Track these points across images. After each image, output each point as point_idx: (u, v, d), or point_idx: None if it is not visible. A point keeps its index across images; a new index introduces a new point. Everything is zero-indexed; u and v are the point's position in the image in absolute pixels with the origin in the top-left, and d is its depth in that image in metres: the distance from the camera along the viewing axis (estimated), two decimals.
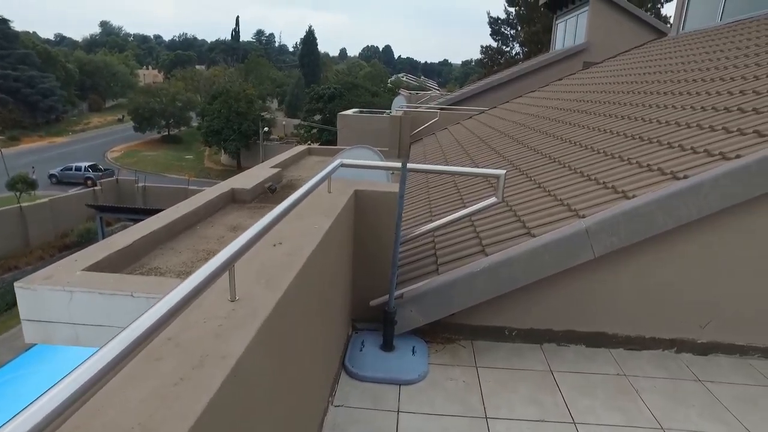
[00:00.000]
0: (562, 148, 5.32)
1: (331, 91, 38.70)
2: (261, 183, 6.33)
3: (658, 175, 3.41)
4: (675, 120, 4.51)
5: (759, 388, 3.13)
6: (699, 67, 6.49)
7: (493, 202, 3.15)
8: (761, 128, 3.40)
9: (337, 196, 3.02)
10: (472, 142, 8.11)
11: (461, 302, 3.23)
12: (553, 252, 3.09)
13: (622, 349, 3.47)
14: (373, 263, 3.38)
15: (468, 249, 3.50)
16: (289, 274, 1.81)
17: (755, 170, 3.03)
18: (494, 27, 32.92)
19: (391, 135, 11.77)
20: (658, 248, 3.24)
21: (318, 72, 73.83)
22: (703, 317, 3.42)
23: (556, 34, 20.40)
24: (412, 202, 5.57)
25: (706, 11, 10.13)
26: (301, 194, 2.43)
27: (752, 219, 3.20)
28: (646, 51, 10.82)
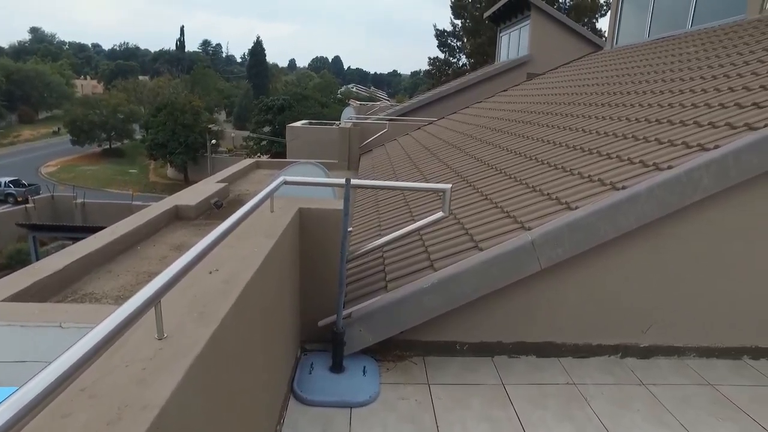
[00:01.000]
0: (507, 158, 5.42)
1: (280, 103, 38.26)
2: (207, 199, 6.11)
3: (598, 185, 3.51)
4: (613, 131, 4.69)
5: (694, 387, 3.26)
6: (632, 80, 6.82)
7: (440, 216, 3.14)
8: (688, 140, 3.57)
9: (279, 216, 2.91)
10: (420, 153, 8.16)
11: (411, 319, 3.19)
12: (501, 265, 3.10)
13: (570, 357, 3.53)
14: (320, 283, 3.28)
15: (417, 264, 3.46)
16: (225, 303, 1.70)
17: (685, 180, 3.16)
18: (441, 39, 33.62)
19: (340, 147, 11.70)
20: (601, 257, 3.32)
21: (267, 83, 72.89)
22: (644, 322, 3.53)
23: (501, 46, 21.05)
24: (361, 216, 5.51)
25: (636, 28, 10.73)
26: (241, 215, 2.32)
27: (685, 226, 3.34)
28: (585, 63, 11.31)
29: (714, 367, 3.52)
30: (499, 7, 19.28)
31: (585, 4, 29.17)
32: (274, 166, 11.45)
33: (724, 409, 3.04)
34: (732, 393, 3.21)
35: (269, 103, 39.25)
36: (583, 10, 28.73)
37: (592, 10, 29.19)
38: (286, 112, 36.27)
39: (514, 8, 18.16)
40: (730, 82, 4.68)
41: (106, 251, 4.00)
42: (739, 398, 3.15)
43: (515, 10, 18.28)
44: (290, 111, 36.12)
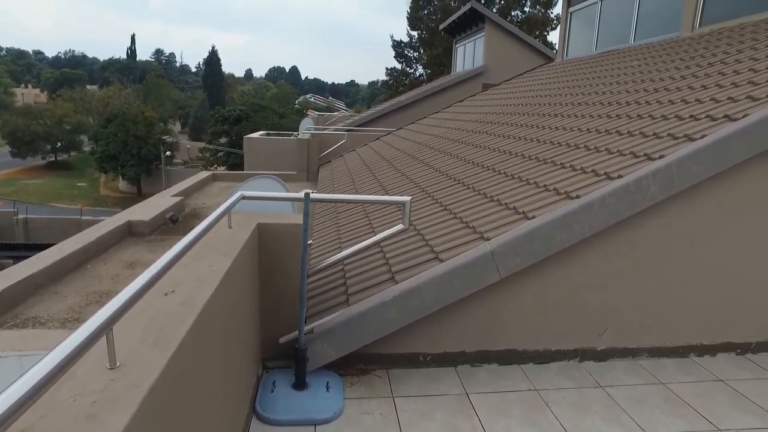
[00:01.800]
0: (465, 169, 5.51)
1: (237, 113, 37.66)
2: (161, 213, 5.93)
3: (554, 195, 3.62)
4: (566, 141, 4.85)
5: (647, 387, 3.39)
6: (582, 92, 7.09)
7: (400, 229, 3.15)
8: (635, 150, 3.74)
9: (238, 232, 2.85)
10: (379, 164, 8.20)
11: (373, 333, 3.17)
12: (461, 276, 3.14)
13: (532, 363, 3.59)
14: (281, 299, 3.23)
15: (378, 277, 3.46)
16: (182, 327, 1.64)
17: (634, 189, 3.30)
18: (398, 50, 34.01)
19: (299, 158, 11.60)
20: (558, 265, 3.42)
21: (223, 93, 71.61)
22: (601, 326, 3.64)
23: (457, 57, 21.49)
24: (321, 229, 5.48)
25: (584, 42, 11.20)
26: (198, 233, 2.25)
27: (636, 233, 3.48)
28: (537, 75, 11.69)
29: (664, 366, 3.66)
30: (454, 19, 19.71)
31: (536, 18, 30.23)
32: (231, 179, 11.24)
33: (674, 407, 3.17)
34: (681, 390, 3.35)
35: (226, 114, 38.56)
36: (534, 24, 29.74)
37: (543, 23, 30.27)
38: (243, 122, 35.72)
39: (468, 21, 18.61)
40: (669, 95, 4.94)
41: (52, 271, 3.81)
42: (687, 394, 3.29)
43: (470, 23, 18.73)
44: (247, 122, 35.60)
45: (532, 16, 30.33)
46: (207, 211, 8.01)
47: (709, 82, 4.76)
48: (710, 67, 5.34)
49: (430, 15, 31.95)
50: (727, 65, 5.10)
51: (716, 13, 7.44)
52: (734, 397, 3.28)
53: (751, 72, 4.49)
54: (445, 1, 30.48)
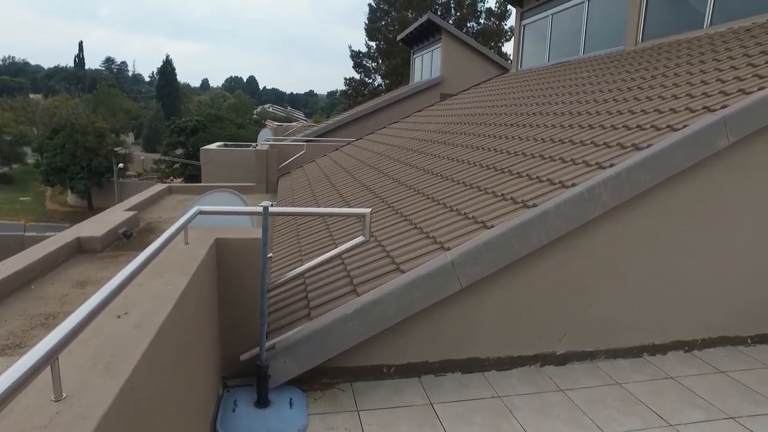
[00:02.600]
0: (425, 179, 5.57)
1: (193, 124, 36.78)
2: (114, 228, 5.70)
3: (511, 204, 3.70)
4: (522, 150, 4.98)
5: (605, 388, 3.49)
6: (536, 102, 7.31)
7: (360, 241, 3.15)
8: (588, 159, 3.88)
9: (195, 248, 2.77)
10: (339, 174, 8.18)
11: (336, 347, 3.14)
12: (423, 287, 3.16)
13: (494, 370, 3.64)
14: (241, 315, 3.15)
15: (340, 289, 3.44)
16: (136, 351, 1.57)
17: (587, 197, 3.42)
18: (356, 60, 34.17)
19: (258, 169, 11.42)
20: (518, 272, 3.48)
21: (178, 103, 69.86)
22: (560, 330, 3.73)
23: (414, 68, 21.78)
24: (282, 242, 5.40)
25: (537, 54, 11.58)
26: (153, 251, 2.18)
27: (591, 239, 3.60)
28: (493, 85, 11.98)
29: (620, 366, 3.78)
30: (411, 30, 20.00)
31: (491, 30, 31.04)
32: (188, 191, 10.95)
33: (630, 406, 3.28)
34: (635, 389, 3.47)
35: (182, 125, 37.59)
36: (489, 35, 30.53)
37: (497, 35, 31.10)
38: (200, 133, 34.91)
39: (425, 32, 18.92)
40: (618, 105, 5.16)
41: None
42: (641, 393, 3.42)
43: (427, 34, 19.05)
44: (204, 132, 34.82)
45: (487, 28, 31.13)
46: (163, 225, 7.76)
47: (652, 93, 5.01)
48: (653, 79, 5.61)
49: (387, 26, 32.30)
50: (667, 78, 5.38)
51: (655, 30, 7.87)
52: (683, 393, 3.43)
53: (688, 85, 4.75)
54: (402, 13, 30.89)
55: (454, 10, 31.95)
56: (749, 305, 4.13)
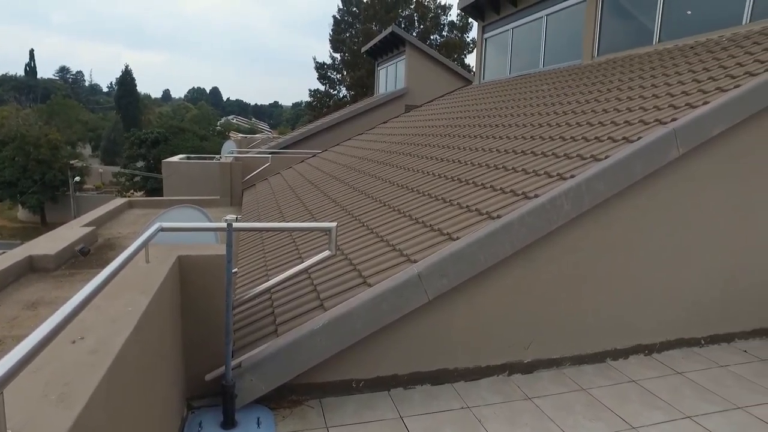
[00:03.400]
0: (390, 191, 5.59)
1: (154, 136, 35.85)
2: (70, 245, 5.48)
3: (476, 215, 3.75)
4: (485, 162, 5.06)
5: (571, 394, 3.56)
6: (499, 114, 7.47)
7: (326, 255, 3.13)
8: (549, 170, 3.98)
9: (156, 266, 2.69)
10: (305, 187, 8.13)
11: (304, 363, 3.10)
12: (390, 300, 3.16)
13: (463, 381, 3.66)
14: (205, 334, 3.07)
15: (307, 305, 3.40)
16: (93, 379, 1.50)
17: (549, 207, 3.50)
18: (321, 71, 34.18)
19: (222, 182, 11.23)
20: (483, 283, 3.53)
21: (138, 115, 67.98)
22: (526, 339, 3.79)
23: (379, 79, 21.95)
24: (247, 256, 5.31)
25: (499, 66, 11.87)
26: (112, 271, 2.10)
27: (554, 248, 3.68)
28: (457, 96, 12.19)
29: (585, 372, 3.87)
30: (375, 42, 20.18)
31: (454, 42, 31.64)
32: (149, 205, 10.65)
33: (595, 411, 3.35)
34: (600, 394, 3.55)
35: (142, 136, 36.58)
36: (452, 47, 31.11)
37: (460, 47, 31.72)
38: (162, 145, 34.05)
39: (389, 44, 19.12)
40: (576, 117, 5.32)
41: None
42: (606, 397, 3.50)
43: (391, 46, 19.25)
44: (166, 144, 33.97)
45: (450, 41, 31.72)
46: (123, 241, 7.51)
47: (608, 106, 5.19)
48: (609, 92, 5.83)
49: (352, 38, 32.51)
50: (621, 91, 5.60)
51: (610, 45, 8.20)
52: (644, 396, 3.54)
53: (640, 99, 4.96)
54: (367, 25, 31.16)
55: (417, 22, 32.44)
56: (701, 307, 4.31)
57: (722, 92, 4.08)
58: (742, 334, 4.50)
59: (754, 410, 3.40)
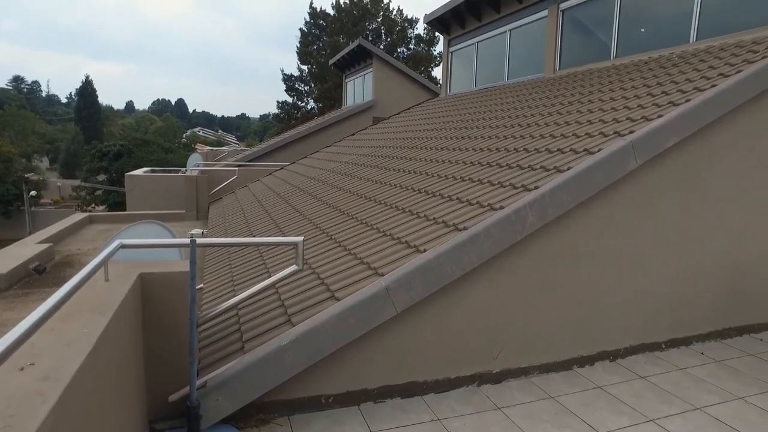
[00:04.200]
0: (358, 203, 5.59)
1: (117, 148, 34.87)
2: (24, 263, 5.26)
3: (443, 227, 3.78)
4: (452, 174, 5.12)
5: (539, 402, 3.60)
6: (465, 126, 7.59)
7: (294, 270, 3.09)
8: (514, 181, 4.06)
9: (116, 284, 2.60)
10: (272, 200, 8.04)
11: (271, 380, 3.04)
12: (358, 314, 3.14)
13: (433, 393, 3.65)
14: (169, 353, 2.98)
15: (274, 320, 3.35)
16: (42, 409, 1.43)
17: (514, 218, 3.56)
18: (289, 83, 34.04)
19: (187, 196, 11.01)
20: (451, 295, 3.55)
21: (100, 126, 66.03)
22: (494, 349, 3.82)
23: (347, 92, 22.02)
24: (213, 271, 5.20)
25: (465, 79, 12.09)
26: (67, 292, 2.01)
27: (520, 258, 3.74)
28: (424, 109, 12.33)
29: (553, 380, 3.92)
30: (343, 55, 20.27)
31: (421, 55, 32.06)
32: (111, 220, 10.33)
33: (563, 418, 3.39)
34: (567, 401, 3.60)
35: (104, 149, 35.50)
36: (419, 60, 31.51)
37: (427, 60, 32.17)
38: (125, 158, 33.12)
39: (357, 57, 19.23)
40: (540, 129, 5.46)
41: None
42: (573, 404, 3.56)
43: (358, 59, 19.37)
44: (129, 157, 33.06)
45: (417, 53, 32.13)
46: (82, 258, 7.25)
47: (570, 119, 5.35)
48: (570, 105, 6.01)
49: (319, 50, 32.54)
50: (582, 104, 5.78)
51: (570, 60, 8.48)
52: (610, 401, 3.61)
53: (600, 111, 5.12)
54: (334, 38, 31.28)
55: (384, 35, 32.77)
56: (661, 312, 4.45)
57: (674, 106, 4.26)
58: (698, 336, 4.66)
59: (710, 410, 3.53)
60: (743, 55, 4.85)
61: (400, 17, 32.95)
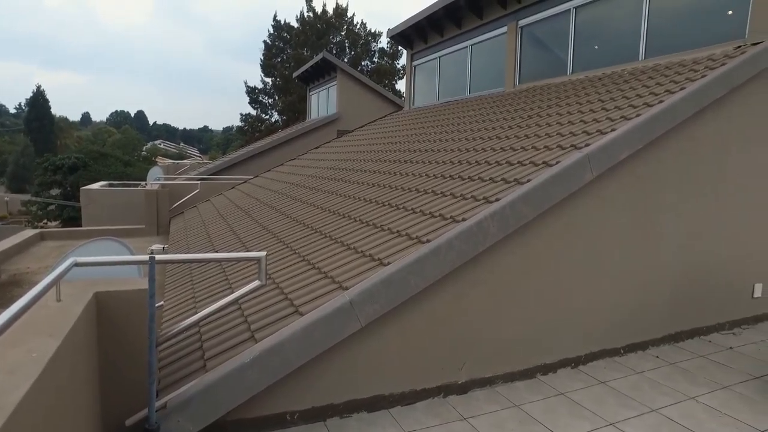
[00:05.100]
0: (322, 217, 5.57)
1: (72, 161, 33.60)
2: None
3: (407, 240, 3.81)
4: (415, 186, 5.18)
5: (504, 411, 3.65)
6: (428, 139, 7.69)
7: (257, 285, 3.05)
8: (476, 194, 4.13)
9: (69, 305, 2.50)
10: (235, 214, 7.92)
11: (235, 398, 2.98)
12: (323, 328, 3.12)
13: (399, 406, 3.65)
14: (126, 375, 2.87)
15: (237, 337, 3.29)
16: None
17: (476, 230, 3.63)
18: (252, 96, 33.71)
19: (147, 210, 10.72)
20: (415, 307, 3.57)
21: (53, 138, 63.52)
22: (460, 360, 3.85)
23: (311, 105, 21.99)
24: (174, 288, 5.07)
25: (428, 92, 12.28)
26: (15, 313, 1.92)
27: (482, 269, 3.80)
28: (388, 122, 12.43)
29: (517, 389, 3.99)
30: (307, 68, 20.26)
31: (385, 68, 32.36)
32: (64, 237, 9.95)
33: (527, 426, 3.45)
34: (531, 409, 3.67)
35: (58, 162, 34.07)
36: (383, 73, 31.78)
37: (391, 73, 32.47)
38: (81, 171, 31.91)
39: (321, 70, 19.26)
40: (501, 142, 5.59)
41: None
42: (536, 412, 3.62)
43: (322, 72, 19.40)
44: (86, 171, 31.84)
45: (381, 67, 32.42)
46: (32, 276, 6.94)
47: (529, 132, 5.51)
48: (530, 119, 6.19)
49: (283, 63, 32.41)
50: (541, 118, 5.96)
51: (529, 75, 8.76)
52: (572, 407, 3.70)
53: (558, 125, 5.30)
54: (298, 51, 31.23)
55: (349, 49, 32.95)
56: (619, 319, 4.60)
57: (626, 120, 4.45)
58: (653, 341, 4.84)
59: (664, 411, 3.67)
60: (686, 73, 5.13)
61: (364, 31, 33.22)
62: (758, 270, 5.53)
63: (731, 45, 5.47)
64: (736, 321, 5.50)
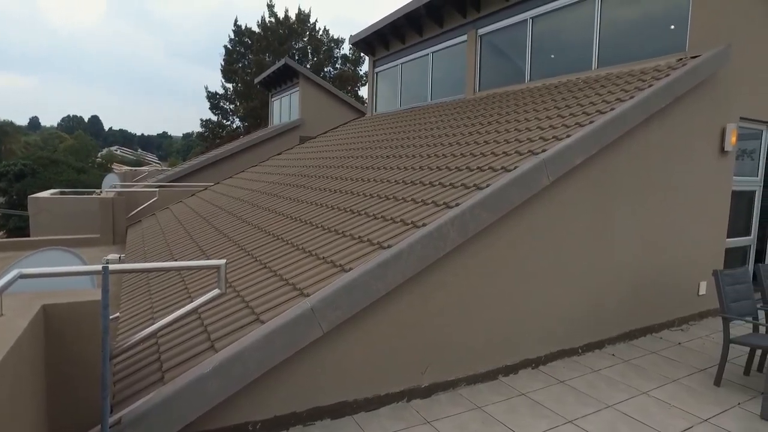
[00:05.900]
0: (284, 224, 5.52)
1: (18, 168, 32.12)
2: None
3: (368, 245, 3.82)
4: (377, 192, 5.20)
5: (467, 413, 3.70)
6: (390, 145, 7.74)
7: (216, 294, 2.99)
8: (436, 199, 4.19)
9: (13, 319, 2.39)
10: (195, 222, 7.75)
11: (193, 411, 2.90)
12: (284, 336, 3.09)
13: (363, 412, 3.64)
14: (77, 391, 2.76)
15: (196, 347, 3.21)
16: None
17: (437, 235, 3.68)
18: (213, 101, 33.11)
19: (102, 219, 10.35)
20: (377, 312, 3.58)
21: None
22: (422, 364, 3.88)
23: (273, 110, 21.78)
24: (131, 298, 4.91)
25: (390, 99, 12.38)
26: None
27: (443, 273, 3.85)
28: (350, 128, 12.45)
29: (479, 391, 4.05)
30: (269, 74, 20.06)
31: (347, 75, 32.39)
32: (10, 248, 9.49)
33: (490, 427, 3.51)
34: (494, 410, 3.74)
35: (2, 169, 32.58)
36: (346, 80, 31.81)
37: (353, 80, 32.54)
38: (29, 179, 30.56)
39: (283, 75, 19.12)
40: (461, 148, 5.69)
41: None
42: (499, 413, 3.69)
43: (285, 77, 19.26)
44: (34, 178, 30.54)
45: (344, 73, 32.44)
46: None
47: (489, 138, 5.62)
48: (489, 125, 6.32)
49: (244, 68, 31.99)
50: (500, 124, 6.10)
51: (489, 82, 8.96)
52: (533, 407, 3.79)
53: (516, 131, 5.44)
54: (259, 56, 30.89)
55: (311, 55, 32.83)
56: (577, 319, 4.75)
57: (580, 127, 4.61)
58: (609, 339, 5.02)
59: (620, 407, 3.82)
60: (635, 83, 5.37)
61: (327, 37, 33.21)
62: (702, 269, 5.82)
63: (674, 57, 5.77)
64: (684, 318, 5.78)
